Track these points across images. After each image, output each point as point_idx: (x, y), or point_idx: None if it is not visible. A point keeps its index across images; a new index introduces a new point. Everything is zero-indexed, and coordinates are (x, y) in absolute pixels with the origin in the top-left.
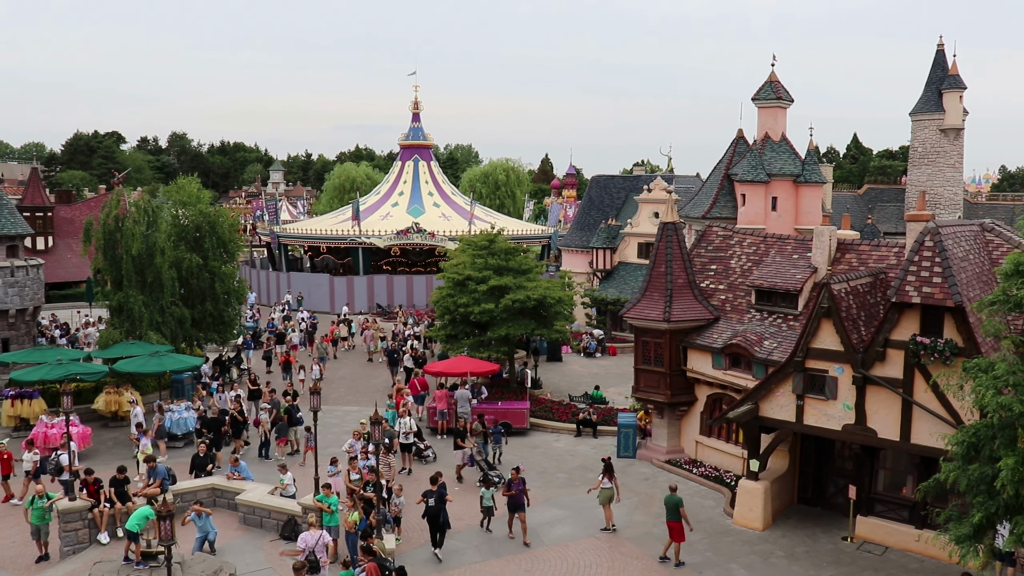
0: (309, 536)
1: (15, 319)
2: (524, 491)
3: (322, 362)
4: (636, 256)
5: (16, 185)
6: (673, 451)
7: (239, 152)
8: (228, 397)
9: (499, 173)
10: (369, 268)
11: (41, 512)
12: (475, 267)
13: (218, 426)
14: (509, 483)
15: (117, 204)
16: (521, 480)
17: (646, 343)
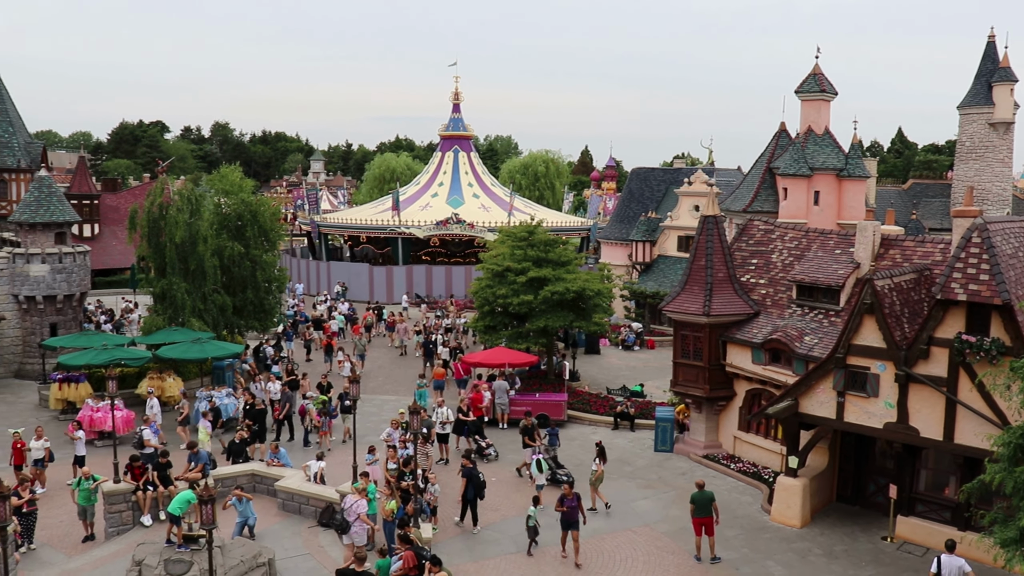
0: (350, 498)
1: (62, 304)
2: (579, 507)
3: (360, 359)
4: (676, 249)
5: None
6: (711, 446)
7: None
8: (264, 387)
9: (539, 164)
10: (408, 258)
11: (87, 493)
12: (514, 258)
13: (262, 417)
14: (562, 498)
15: (161, 192)
16: (575, 496)
17: (685, 337)
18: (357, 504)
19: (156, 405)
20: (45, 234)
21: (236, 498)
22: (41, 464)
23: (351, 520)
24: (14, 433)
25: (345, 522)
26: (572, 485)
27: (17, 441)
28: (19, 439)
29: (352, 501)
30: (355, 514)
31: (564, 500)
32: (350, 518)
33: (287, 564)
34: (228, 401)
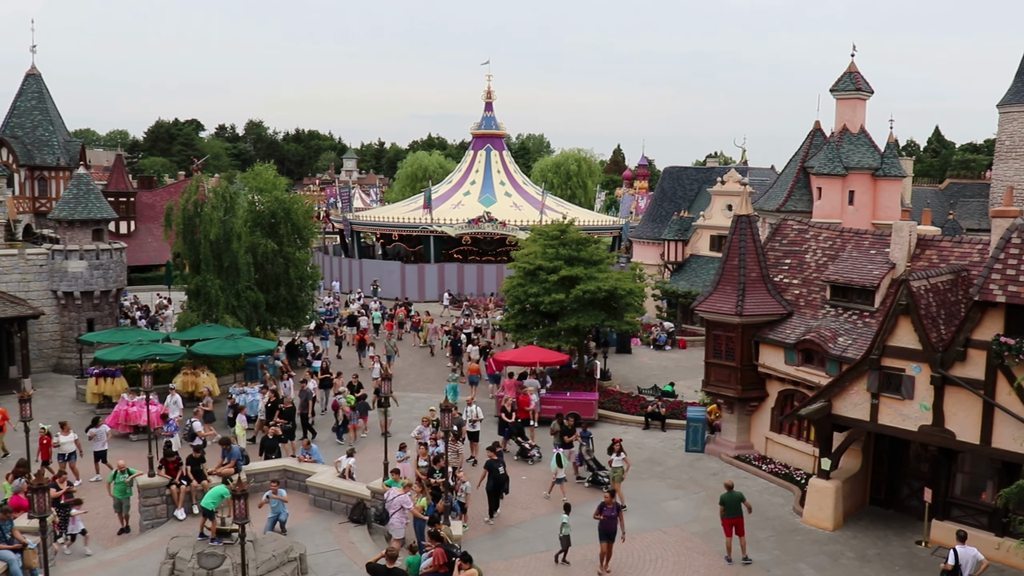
0: (393, 491)
1: (99, 300)
2: (618, 517)
3: (389, 360)
4: (708, 249)
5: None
6: (742, 447)
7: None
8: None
9: (571, 163)
10: (440, 256)
11: (123, 487)
12: (546, 257)
13: (291, 415)
14: (601, 507)
15: (196, 190)
16: (615, 505)
17: (717, 337)
18: (400, 497)
19: (179, 400)
20: (83, 231)
21: (271, 491)
22: (73, 458)
23: (392, 512)
24: (41, 429)
25: (384, 513)
26: (613, 494)
27: (43, 437)
28: (45, 435)
29: (395, 494)
30: (397, 506)
31: (603, 509)
32: (391, 510)
33: (318, 559)
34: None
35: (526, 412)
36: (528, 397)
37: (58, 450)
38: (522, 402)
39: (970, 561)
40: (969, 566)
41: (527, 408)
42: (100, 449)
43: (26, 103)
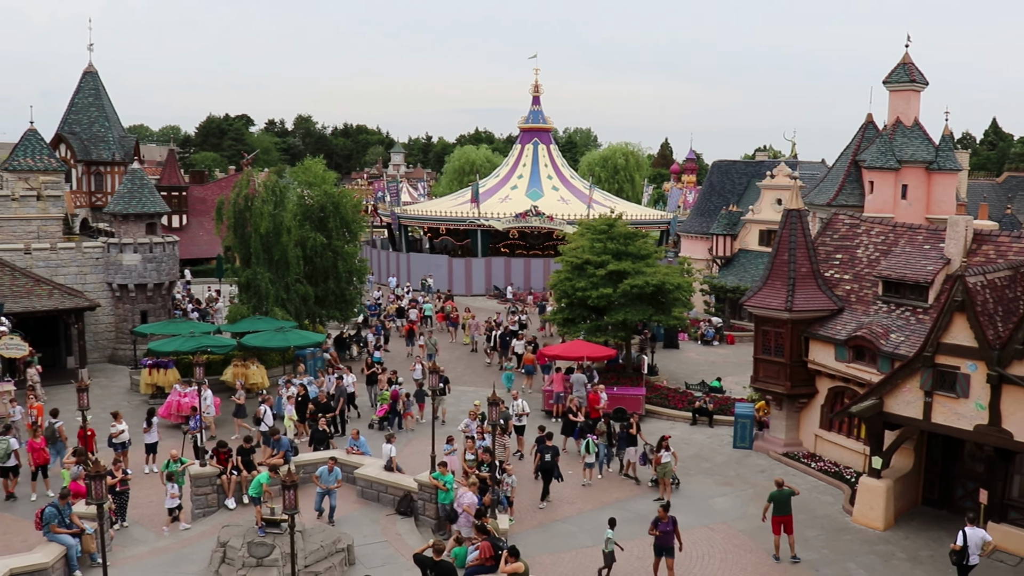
0: (460, 489)
1: (152, 293)
2: (674, 531)
3: (430, 359)
4: (757, 243)
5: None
6: (791, 444)
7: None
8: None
9: (618, 157)
10: (487, 250)
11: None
12: (594, 251)
13: (327, 411)
14: (656, 522)
15: (247, 184)
16: (671, 519)
17: (766, 332)
18: (463, 495)
19: (209, 396)
20: (137, 225)
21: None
22: (126, 447)
23: (461, 511)
24: None
25: (454, 512)
26: (667, 508)
27: (88, 429)
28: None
29: (461, 492)
30: (461, 506)
31: (658, 523)
32: (460, 509)
33: (365, 550)
34: (310, 389)
35: (597, 411)
36: (598, 395)
37: (115, 439)
38: (592, 400)
39: (978, 541)
40: (977, 546)
41: (597, 407)
42: (151, 441)
43: (83, 100)
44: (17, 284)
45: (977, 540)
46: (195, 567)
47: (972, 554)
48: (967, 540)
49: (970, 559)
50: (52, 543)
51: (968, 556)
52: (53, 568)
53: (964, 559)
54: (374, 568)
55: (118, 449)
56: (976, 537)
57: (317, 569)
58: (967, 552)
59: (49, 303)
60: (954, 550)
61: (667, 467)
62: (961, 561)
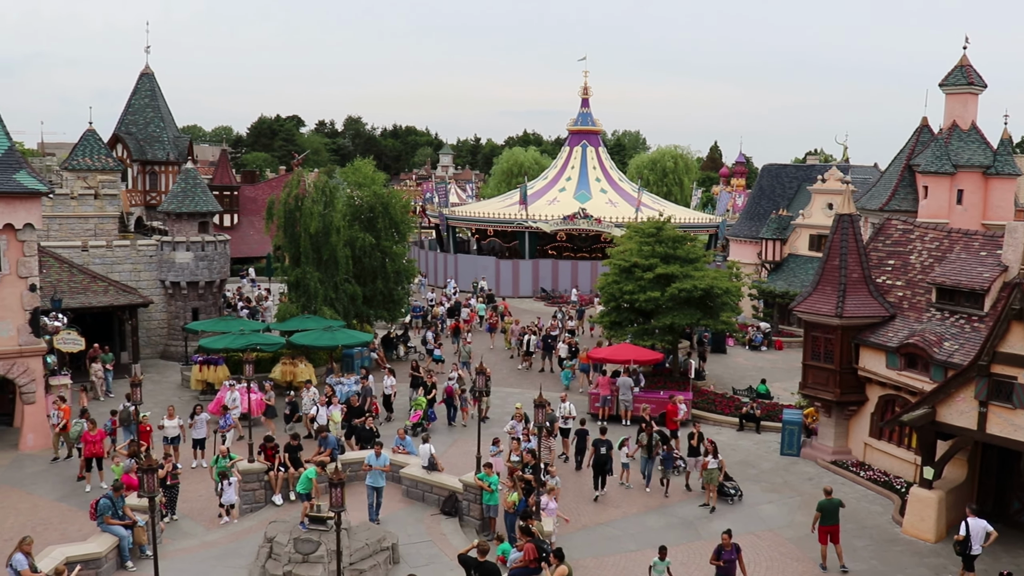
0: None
1: (204, 290)
2: (738, 560)
3: (464, 367)
4: (807, 248)
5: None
6: (840, 452)
7: (410, 136)
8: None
9: (667, 160)
10: (535, 252)
11: (224, 471)
12: (642, 254)
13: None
14: (719, 550)
15: (297, 184)
16: (734, 547)
17: (816, 338)
18: (550, 506)
19: (237, 398)
20: (190, 223)
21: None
22: (177, 442)
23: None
24: (142, 416)
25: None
26: (731, 534)
27: (145, 425)
28: (146, 422)
29: (545, 502)
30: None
31: (721, 553)
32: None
33: (409, 550)
34: (357, 388)
35: (675, 423)
36: (676, 407)
37: (163, 433)
38: (670, 412)
39: (980, 532)
40: (979, 537)
41: (675, 419)
42: (199, 436)
43: (140, 101)
44: (74, 280)
45: (980, 531)
46: (242, 561)
47: (975, 544)
48: (970, 531)
49: (973, 549)
50: (106, 534)
51: (971, 546)
52: (106, 558)
53: (967, 549)
54: (418, 567)
55: (167, 443)
56: (978, 528)
57: (362, 567)
58: (970, 542)
59: (105, 299)
60: (958, 540)
61: (712, 473)
62: (965, 551)
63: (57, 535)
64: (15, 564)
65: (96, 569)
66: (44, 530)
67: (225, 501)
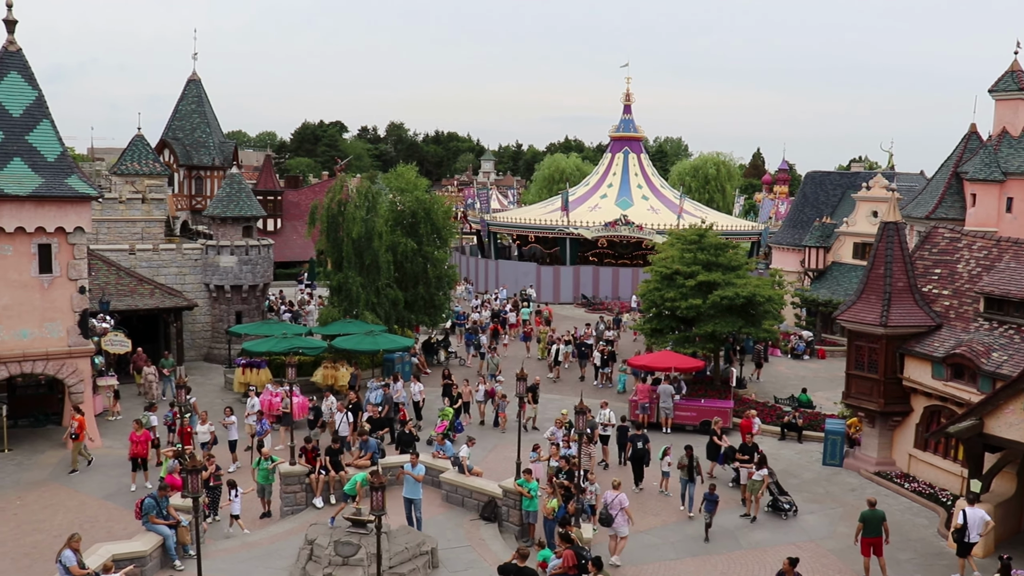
0: (610, 494)
1: (247, 294)
2: None
3: (492, 378)
4: (851, 256)
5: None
6: (883, 463)
7: (452, 142)
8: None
9: (709, 167)
10: (576, 259)
11: (266, 473)
12: (683, 261)
13: (380, 427)
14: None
15: (340, 190)
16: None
17: (860, 348)
18: (620, 497)
19: (256, 404)
20: (234, 227)
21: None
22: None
23: (614, 513)
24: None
25: (607, 515)
26: (795, 563)
27: (186, 427)
28: (186, 424)
29: (613, 496)
30: (617, 507)
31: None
32: (613, 511)
33: (448, 555)
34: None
35: (749, 438)
36: (751, 421)
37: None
38: (744, 426)
39: (978, 521)
40: (977, 526)
41: (750, 433)
42: (233, 438)
43: (187, 107)
44: (122, 283)
45: (977, 520)
46: (283, 563)
47: (972, 532)
48: (967, 519)
49: (970, 537)
50: (150, 532)
51: (968, 534)
52: (151, 556)
53: (964, 537)
54: (457, 572)
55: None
56: (976, 517)
57: (401, 571)
58: (967, 530)
59: (151, 302)
60: (956, 528)
61: (757, 484)
62: (961, 539)
63: (103, 533)
64: (64, 560)
65: (141, 567)
66: (91, 528)
67: (233, 511)
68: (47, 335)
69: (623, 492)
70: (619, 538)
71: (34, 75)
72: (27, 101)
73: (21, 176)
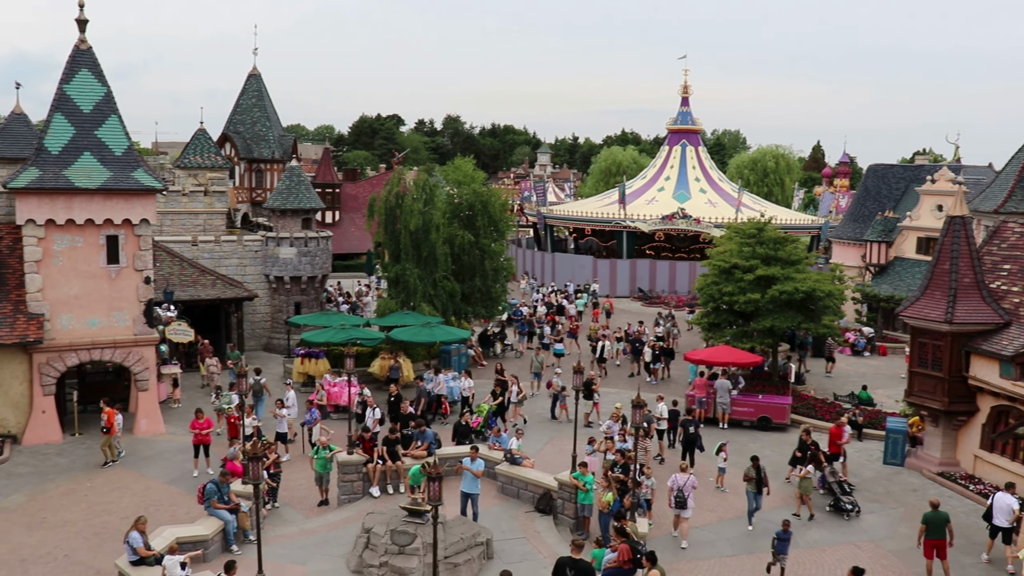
0: (680, 477)
1: (306, 285)
2: None
3: (536, 377)
4: (914, 251)
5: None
6: (947, 463)
7: (508, 135)
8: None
9: (768, 160)
10: (632, 252)
11: (324, 462)
12: (742, 255)
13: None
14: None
15: (398, 182)
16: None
17: (923, 345)
18: (690, 480)
19: (292, 397)
20: (293, 220)
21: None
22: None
23: (687, 495)
24: (228, 408)
25: (682, 498)
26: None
27: (231, 416)
28: (232, 415)
29: (685, 479)
30: (689, 489)
31: None
32: (687, 493)
33: (503, 546)
34: (454, 384)
35: (837, 447)
36: (841, 429)
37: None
38: (834, 434)
39: (1005, 507)
40: (1004, 512)
41: (839, 442)
42: (283, 431)
43: (247, 101)
44: (185, 273)
45: (1004, 505)
46: (340, 550)
47: (996, 516)
48: (995, 503)
49: (995, 519)
50: (212, 517)
51: (992, 516)
52: (212, 540)
53: (990, 518)
54: (512, 564)
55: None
56: (1004, 502)
57: (456, 560)
58: (991, 512)
59: (212, 292)
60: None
61: (808, 483)
62: (988, 519)
63: (167, 516)
64: (132, 542)
65: (203, 550)
66: (156, 511)
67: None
68: (115, 324)
69: (692, 474)
70: (684, 519)
71: (103, 72)
72: (96, 97)
73: (91, 170)
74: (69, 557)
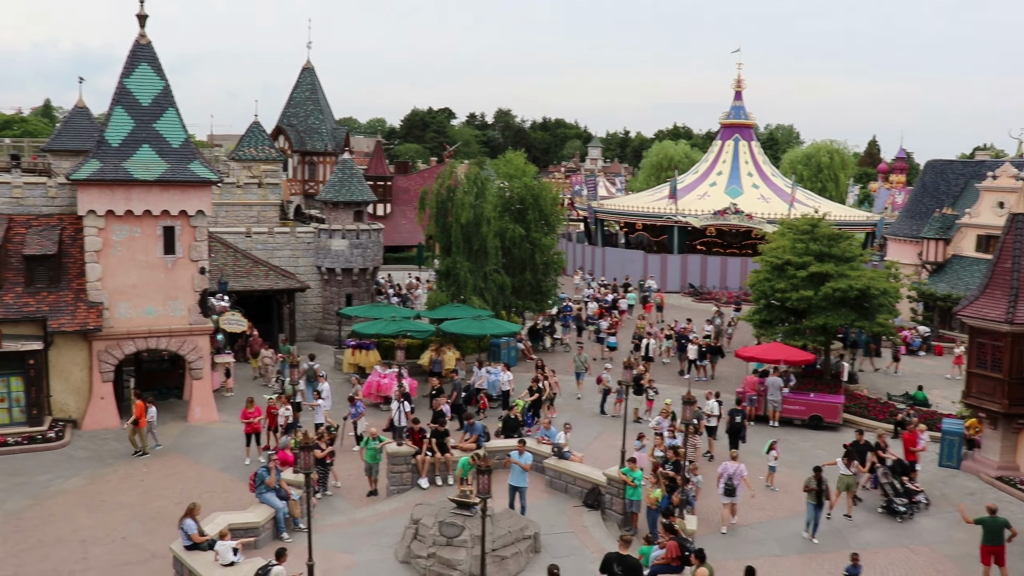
0: (730, 465)
1: (357, 277)
2: None
3: (578, 377)
4: (974, 249)
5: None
6: (1006, 467)
7: (559, 128)
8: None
9: (822, 155)
10: (683, 247)
11: (373, 452)
12: (795, 252)
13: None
14: None
15: (449, 175)
16: None
17: (982, 345)
18: (739, 468)
19: (326, 389)
20: (345, 212)
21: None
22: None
23: (737, 483)
24: (268, 399)
25: (731, 486)
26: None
27: (272, 407)
28: (273, 404)
29: (735, 467)
30: (739, 478)
31: None
32: (736, 482)
33: (551, 540)
34: (503, 377)
35: (913, 454)
36: (916, 435)
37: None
38: (908, 440)
39: None
40: None
41: (913, 448)
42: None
43: (301, 94)
44: (239, 264)
45: None
46: (388, 540)
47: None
48: None
49: None
50: (263, 504)
51: None
52: (263, 527)
53: None
54: (559, 558)
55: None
56: None
57: (504, 553)
58: None
59: (265, 283)
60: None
61: (851, 479)
62: None
63: (220, 503)
64: (186, 528)
65: (255, 537)
66: (209, 497)
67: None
68: (170, 313)
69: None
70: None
71: (161, 66)
72: (155, 91)
73: (149, 162)
74: (126, 539)
